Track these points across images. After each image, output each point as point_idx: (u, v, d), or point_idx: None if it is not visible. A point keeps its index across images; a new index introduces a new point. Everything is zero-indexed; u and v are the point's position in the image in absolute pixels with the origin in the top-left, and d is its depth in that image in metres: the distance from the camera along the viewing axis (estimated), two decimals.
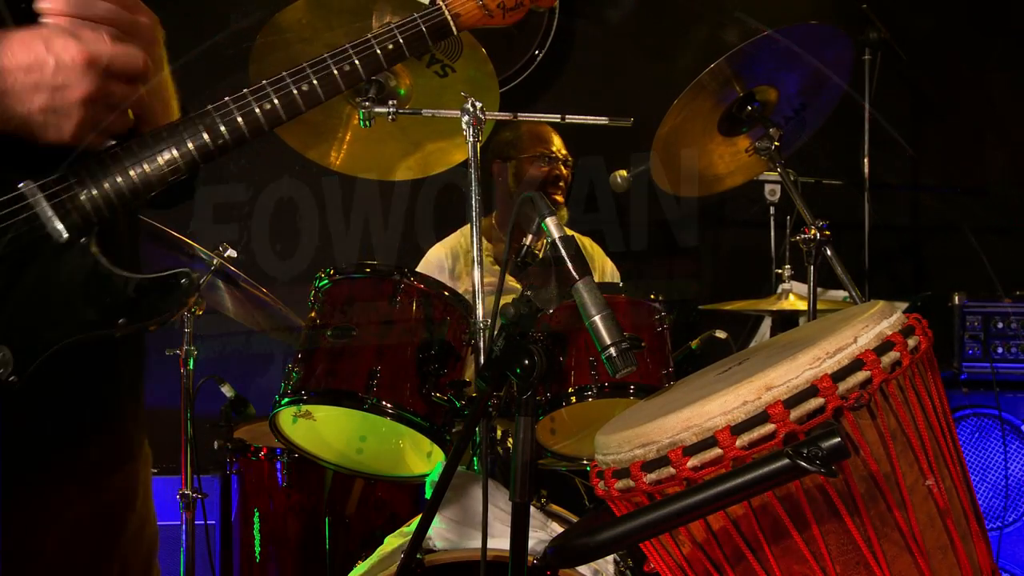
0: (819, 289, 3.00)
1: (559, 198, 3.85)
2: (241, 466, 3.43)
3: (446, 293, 2.69)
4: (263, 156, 4.44)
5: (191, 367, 3.20)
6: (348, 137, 3.09)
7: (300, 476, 3.28)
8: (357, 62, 1.82)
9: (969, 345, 4.10)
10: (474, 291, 2.59)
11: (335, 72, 1.81)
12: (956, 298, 4.14)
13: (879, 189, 4.61)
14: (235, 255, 3.20)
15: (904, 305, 4.04)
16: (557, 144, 3.88)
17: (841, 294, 3.98)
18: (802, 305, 3.52)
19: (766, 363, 1.73)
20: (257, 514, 3.36)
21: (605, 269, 4.08)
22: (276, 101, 1.74)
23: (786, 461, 1.43)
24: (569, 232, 3.98)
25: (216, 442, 3.49)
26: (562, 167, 3.85)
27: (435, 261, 3.90)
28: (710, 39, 4.66)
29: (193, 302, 3.19)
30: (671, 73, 4.52)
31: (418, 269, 3.83)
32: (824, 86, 3.20)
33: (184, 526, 3.15)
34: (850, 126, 4.52)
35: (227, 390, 3.62)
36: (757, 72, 3.04)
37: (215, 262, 3.15)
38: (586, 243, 4.09)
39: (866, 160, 4.54)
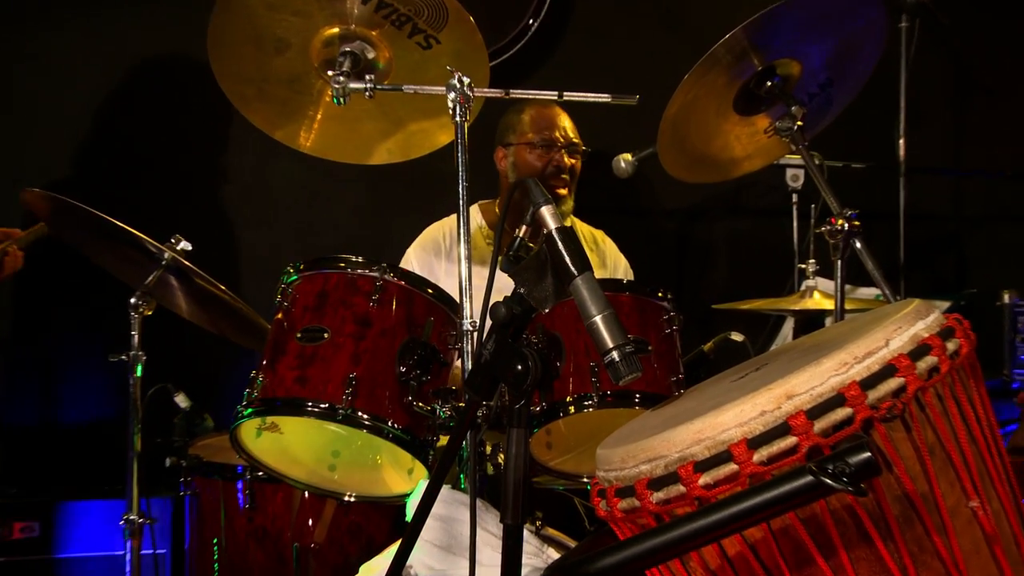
0: (847, 286, 3.01)
1: (562, 191, 3.79)
2: (197, 486, 3.42)
3: (430, 291, 2.70)
4: (224, 135, 4.45)
5: (139, 374, 3.18)
6: (320, 116, 3.10)
7: (264, 497, 3.27)
8: None
9: (1021, 349, 4.11)
10: (461, 289, 2.61)
11: None
12: (1005, 296, 4.14)
13: (916, 173, 4.61)
14: (189, 248, 3.20)
15: (945, 304, 4.05)
16: (563, 128, 3.83)
17: (872, 292, 4.00)
18: (828, 304, 3.53)
19: (787, 369, 1.74)
20: (215, 542, 3.37)
21: (618, 267, 4.07)
22: None
23: (809, 478, 1.44)
24: (580, 224, 4.01)
25: (168, 459, 3.48)
26: (565, 155, 3.80)
27: (431, 241, 3.88)
28: (725, 6, 4.67)
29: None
30: (681, 45, 4.54)
31: (412, 248, 3.86)
32: (854, 58, 3.19)
33: (129, 556, 3.14)
34: (883, 103, 4.53)
35: (181, 400, 3.62)
36: (778, 43, 3.04)
37: (166, 256, 3.15)
38: (597, 237, 4.09)
39: (901, 141, 4.55)
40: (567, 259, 1.77)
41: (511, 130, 3.89)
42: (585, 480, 2.81)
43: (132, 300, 3.18)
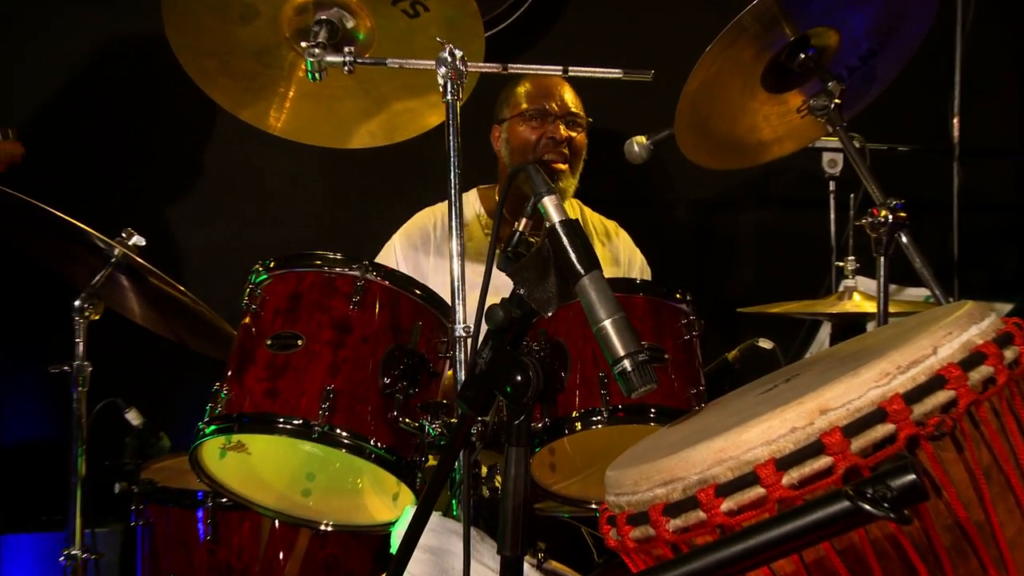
0: (892, 286, 3.02)
1: (560, 165, 3.84)
2: (150, 515, 3.43)
3: (418, 292, 2.72)
4: (184, 116, 4.46)
5: (84, 387, 3.19)
6: (292, 93, 3.11)
7: (228, 527, 3.28)
8: None
9: None
10: (453, 289, 2.62)
11: None
12: None
13: (973, 157, 4.62)
14: (143, 243, 3.20)
15: (1006, 307, 4.06)
16: (560, 97, 3.88)
17: (921, 293, 4.02)
18: (870, 307, 3.55)
19: (821, 380, 1.76)
20: None
21: (633, 264, 4.09)
22: None
23: (846, 504, 1.44)
24: (591, 214, 4.01)
25: (117, 484, 3.48)
26: (562, 126, 3.85)
27: (419, 230, 3.93)
28: None
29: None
30: (703, 13, 4.55)
31: (397, 236, 3.89)
32: (901, 25, 3.19)
33: None
34: (935, 77, 4.53)
35: (133, 417, 3.62)
36: (813, 10, 3.05)
37: (116, 252, 3.16)
38: (610, 229, 4.12)
39: (956, 120, 4.55)
40: (572, 256, 1.78)
41: (505, 104, 3.94)
42: (593, 506, 2.83)
43: (76, 303, 3.17)
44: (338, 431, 2.55)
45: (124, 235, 3.19)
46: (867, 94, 3.36)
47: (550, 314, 1.83)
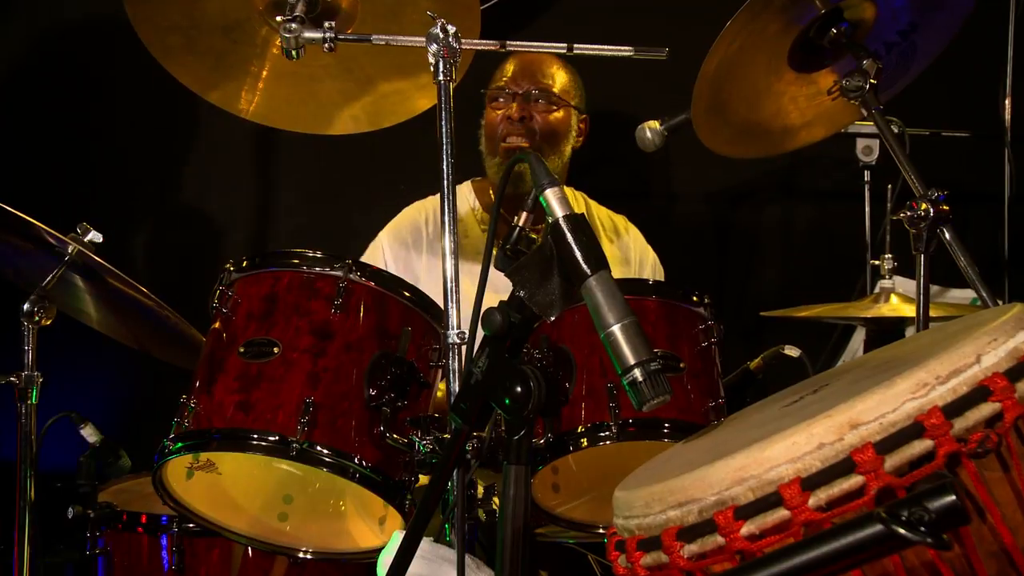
0: (934, 288, 3.02)
1: (524, 144, 3.85)
2: (108, 543, 3.45)
3: (407, 294, 2.73)
4: (145, 98, 4.46)
5: (34, 400, 3.19)
6: (265, 73, 3.11)
7: (196, 555, 3.29)
8: None
9: None
10: (446, 291, 2.63)
11: None
12: None
13: None
14: (100, 239, 3.20)
15: None
16: (525, 73, 3.90)
17: (967, 295, 4.02)
18: (909, 310, 3.56)
19: (852, 391, 1.77)
20: None
21: (644, 263, 4.10)
22: None
23: (879, 528, 1.44)
24: (597, 208, 4.02)
25: (72, 509, 3.48)
26: (514, 105, 3.86)
27: (410, 225, 3.94)
28: None
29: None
30: None
31: (385, 233, 3.91)
32: None
33: None
34: (984, 55, 4.53)
35: (89, 433, 3.63)
36: None
37: (70, 249, 3.16)
38: (619, 224, 4.12)
39: (1008, 102, 4.55)
40: (578, 254, 1.79)
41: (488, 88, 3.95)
42: (600, 530, 2.85)
43: (25, 306, 3.17)
44: (318, 448, 2.56)
45: (79, 230, 3.17)
46: (907, 73, 3.36)
47: (553, 319, 1.85)
